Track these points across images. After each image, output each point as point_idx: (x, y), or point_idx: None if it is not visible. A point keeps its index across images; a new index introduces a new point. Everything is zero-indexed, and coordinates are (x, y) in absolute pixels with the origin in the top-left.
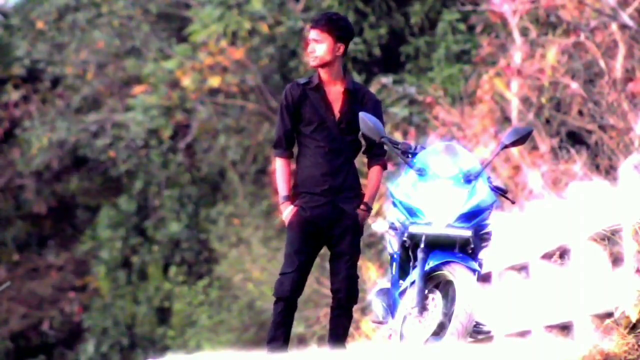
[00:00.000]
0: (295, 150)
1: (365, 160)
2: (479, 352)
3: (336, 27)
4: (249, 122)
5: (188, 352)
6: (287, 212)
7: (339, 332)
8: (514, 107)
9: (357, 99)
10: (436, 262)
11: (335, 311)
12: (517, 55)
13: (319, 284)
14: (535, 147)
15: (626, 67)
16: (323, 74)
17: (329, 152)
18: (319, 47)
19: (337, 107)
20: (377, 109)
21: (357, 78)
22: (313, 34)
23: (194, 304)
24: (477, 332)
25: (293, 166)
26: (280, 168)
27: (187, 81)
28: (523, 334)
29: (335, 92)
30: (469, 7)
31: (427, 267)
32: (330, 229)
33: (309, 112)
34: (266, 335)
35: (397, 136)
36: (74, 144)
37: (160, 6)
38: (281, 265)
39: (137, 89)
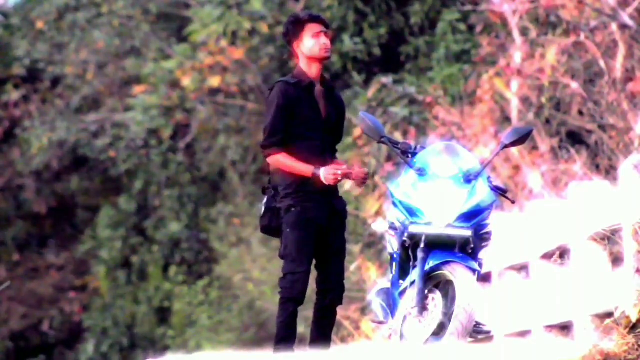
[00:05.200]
0: None
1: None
2: (479, 352)
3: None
4: (249, 122)
5: (188, 352)
6: (323, 172)
7: (327, 333)
8: (514, 107)
9: (332, 95)
10: (436, 262)
11: (322, 312)
12: (517, 55)
13: None
14: (535, 147)
15: (626, 67)
16: (315, 70)
17: (322, 151)
18: (328, 41)
19: (322, 105)
20: (343, 103)
21: (357, 78)
22: (321, 27)
23: (194, 304)
24: (477, 332)
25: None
26: (286, 159)
27: (187, 81)
28: (523, 334)
29: (318, 91)
30: (469, 7)
31: (427, 267)
32: (328, 230)
33: (302, 112)
34: (275, 335)
35: (397, 136)
36: (74, 144)
37: (160, 6)
38: (283, 263)
39: (137, 89)
